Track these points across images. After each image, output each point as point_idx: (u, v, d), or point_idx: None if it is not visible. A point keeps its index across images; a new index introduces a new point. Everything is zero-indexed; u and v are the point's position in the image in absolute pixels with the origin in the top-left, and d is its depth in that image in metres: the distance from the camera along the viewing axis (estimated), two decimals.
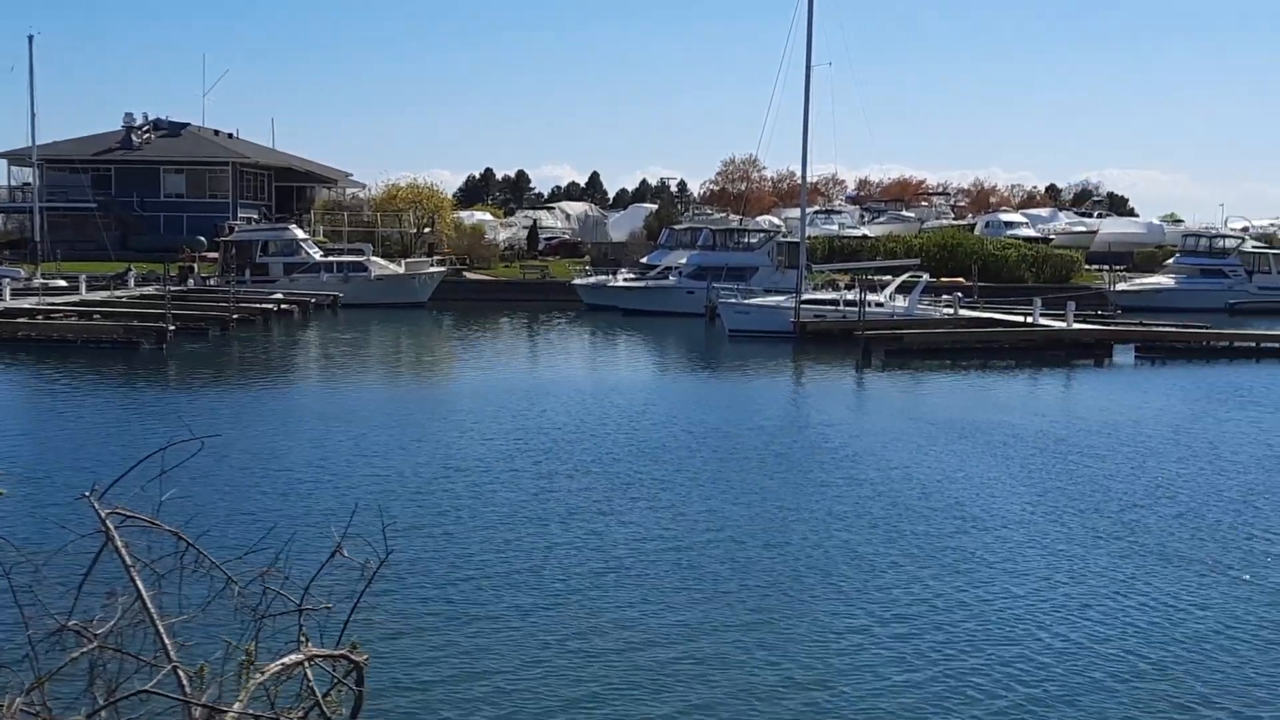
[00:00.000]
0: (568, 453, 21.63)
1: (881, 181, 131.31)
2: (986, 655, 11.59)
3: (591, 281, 61.98)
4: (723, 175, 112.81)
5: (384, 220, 73.88)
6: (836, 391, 33.66)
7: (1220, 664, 11.46)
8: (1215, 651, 11.78)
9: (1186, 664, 11.43)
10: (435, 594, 13.23)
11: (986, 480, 19.80)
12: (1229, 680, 11.06)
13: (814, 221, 78.28)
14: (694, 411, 27.76)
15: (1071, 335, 42.79)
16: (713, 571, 14.22)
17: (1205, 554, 15.30)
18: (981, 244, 73.46)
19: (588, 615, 12.56)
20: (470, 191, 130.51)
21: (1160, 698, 10.64)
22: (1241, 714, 10.36)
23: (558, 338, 50.27)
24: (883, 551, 15.25)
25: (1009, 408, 29.44)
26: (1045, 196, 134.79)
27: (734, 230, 64.24)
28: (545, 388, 32.06)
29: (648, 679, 10.88)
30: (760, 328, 46.23)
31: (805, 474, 20.27)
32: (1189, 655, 11.67)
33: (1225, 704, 10.53)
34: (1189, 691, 10.77)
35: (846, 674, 11.10)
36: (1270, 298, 66.67)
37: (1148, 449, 22.99)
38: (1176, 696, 10.66)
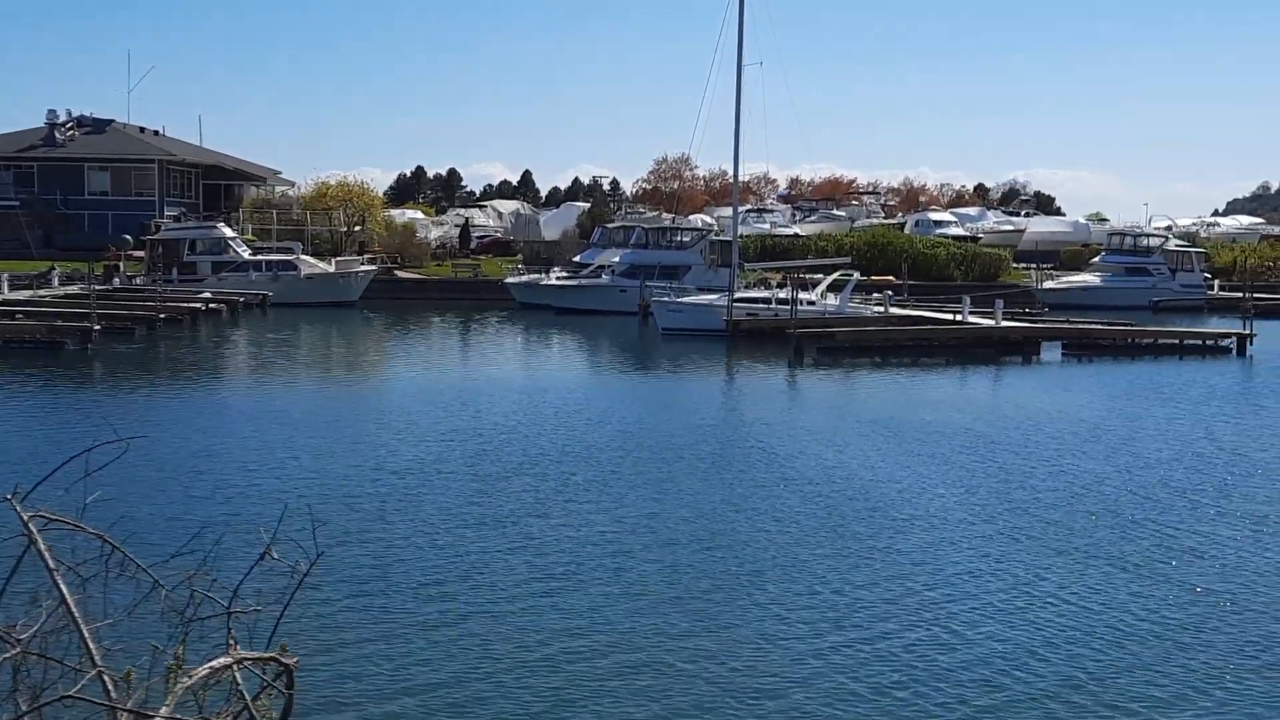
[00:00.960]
0: (501, 454, 21.55)
1: (813, 181, 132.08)
2: (919, 654, 11.70)
3: (524, 280, 61.84)
4: (655, 174, 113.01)
5: (314, 218, 73.19)
6: (769, 389, 33.83)
7: (1140, 660, 11.62)
8: (1136, 648, 11.96)
9: (1110, 660, 11.60)
10: (367, 596, 13.13)
11: (918, 478, 19.98)
12: (1150, 677, 11.23)
13: (746, 220, 78.56)
14: (628, 411, 27.79)
15: (1000, 333, 43.35)
16: (647, 574, 14.22)
17: (1126, 551, 15.54)
18: (911, 243, 74.13)
19: (521, 619, 12.52)
20: (401, 190, 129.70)
21: (1083, 693, 10.79)
22: (1161, 710, 10.52)
23: (490, 337, 50.10)
24: (817, 552, 15.34)
25: (939, 405, 29.74)
26: (974, 196, 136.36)
27: (667, 229, 64.34)
28: (478, 388, 31.94)
29: (581, 683, 10.86)
30: (693, 326, 46.36)
31: (739, 473, 20.34)
32: (1111, 652, 11.84)
33: (1146, 700, 10.69)
34: (1110, 688, 10.93)
35: (784, 675, 11.15)
36: (1192, 295, 67.96)
37: (1074, 446, 23.33)
38: (1100, 693, 10.81)
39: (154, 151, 74.86)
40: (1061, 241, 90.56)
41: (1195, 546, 15.73)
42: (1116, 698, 10.61)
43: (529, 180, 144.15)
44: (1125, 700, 10.55)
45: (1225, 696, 10.70)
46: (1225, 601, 13.34)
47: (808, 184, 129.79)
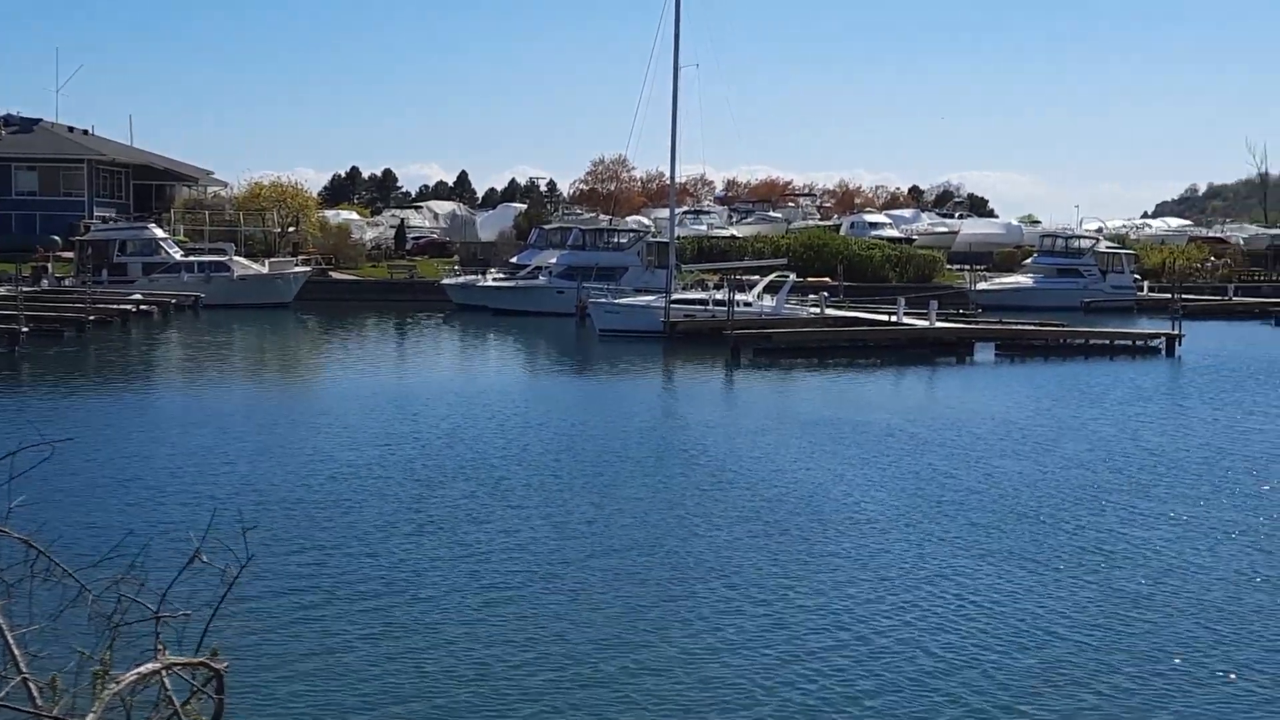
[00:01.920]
0: (438, 457, 21.42)
1: (749, 182, 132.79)
2: (859, 657, 11.77)
3: (460, 281, 61.61)
4: (592, 175, 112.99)
5: (247, 219, 72.41)
6: (707, 391, 33.91)
7: (1067, 661, 11.76)
8: (1064, 648, 12.09)
9: (1038, 660, 11.72)
10: (299, 600, 13.00)
11: (854, 479, 20.11)
12: (1076, 677, 11.36)
13: (683, 222, 78.79)
14: (567, 413, 27.73)
15: (934, 334, 43.77)
16: (585, 580, 14.18)
17: (1051, 551, 15.71)
18: (847, 244, 74.65)
19: (456, 625, 12.42)
20: (336, 190, 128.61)
21: (1013, 691, 10.90)
22: (1089, 710, 10.65)
23: (427, 338, 49.85)
24: (755, 555, 15.39)
25: (875, 406, 29.97)
26: (908, 198, 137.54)
27: (604, 230, 64.38)
28: (414, 390, 31.76)
29: (515, 691, 10.79)
30: (630, 327, 46.40)
31: (678, 476, 20.36)
32: (1039, 652, 11.97)
33: (1074, 700, 10.82)
34: (1037, 688, 11.05)
35: (721, 680, 11.16)
36: (1123, 296, 69.01)
37: (1005, 446, 23.58)
38: (1028, 692, 10.93)
39: (83, 151, 73.73)
40: (994, 243, 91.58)
41: (1120, 548, 15.92)
42: (1044, 697, 10.72)
43: (465, 181, 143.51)
44: (1053, 700, 10.65)
45: (1151, 695, 10.84)
46: (1150, 601, 13.51)
47: (744, 185, 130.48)
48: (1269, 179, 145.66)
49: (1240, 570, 14.67)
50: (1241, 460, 22.07)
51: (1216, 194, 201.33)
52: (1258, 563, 15.04)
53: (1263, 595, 13.69)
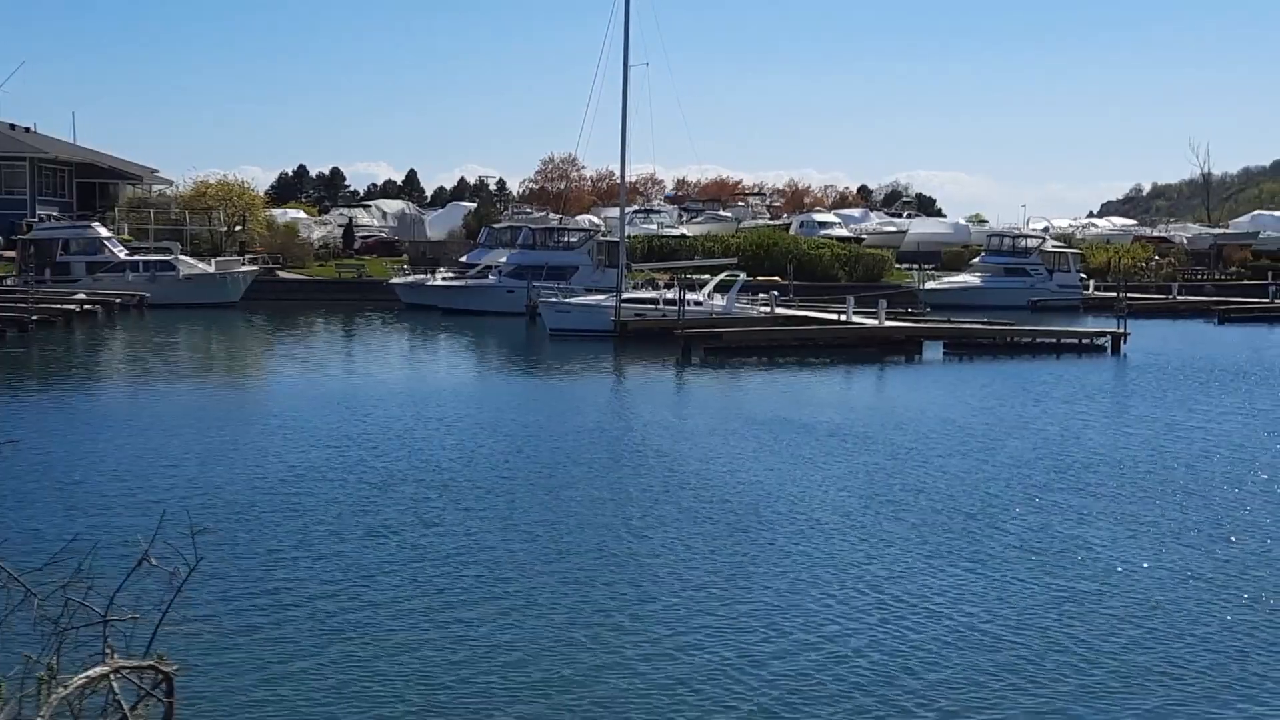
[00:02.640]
0: (388, 459, 21.28)
1: (699, 181, 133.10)
2: (807, 654, 11.81)
3: (409, 281, 61.37)
4: (542, 174, 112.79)
5: (193, 218, 71.78)
6: (658, 390, 33.92)
7: (1010, 660, 11.85)
8: (1009, 646, 12.19)
9: (981, 660, 11.81)
10: (248, 603, 12.88)
11: (804, 478, 20.19)
12: (1019, 678, 11.46)
13: (633, 221, 78.83)
14: (517, 413, 27.65)
15: (883, 332, 44.04)
16: (537, 581, 14.11)
17: (994, 549, 15.84)
18: (796, 243, 75.00)
19: (406, 629, 12.33)
20: (283, 189, 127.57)
21: (956, 694, 10.97)
22: (1028, 706, 10.74)
23: (376, 338, 49.56)
24: (705, 554, 15.41)
25: (824, 405, 30.11)
26: (857, 197, 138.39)
27: (554, 229, 64.29)
28: (364, 390, 31.56)
29: (465, 695, 10.73)
30: (581, 327, 46.37)
31: (629, 476, 20.36)
32: (985, 651, 12.06)
33: (1016, 700, 10.91)
34: (982, 687, 11.14)
35: (676, 678, 11.16)
36: (1069, 295, 69.79)
37: (953, 444, 23.75)
38: (972, 692, 11.01)
39: (24, 149, 72.67)
40: (942, 242, 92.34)
41: (1061, 547, 16.05)
42: (988, 696, 10.80)
43: (414, 180, 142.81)
44: (996, 700, 10.73)
45: (1090, 695, 10.94)
46: (1089, 601, 13.63)
47: (694, 185, 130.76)
48: (1211, 179, 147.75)
49: (1177, 569, 14.80)
50: (1182, 459, 22.32)
51: (1160, 194, 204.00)
52: (1191, 560, 15.15)
53: (1202, 592, 13.84)
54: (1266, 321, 62.59)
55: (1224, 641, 12.09)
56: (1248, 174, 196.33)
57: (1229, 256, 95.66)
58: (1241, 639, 12.18)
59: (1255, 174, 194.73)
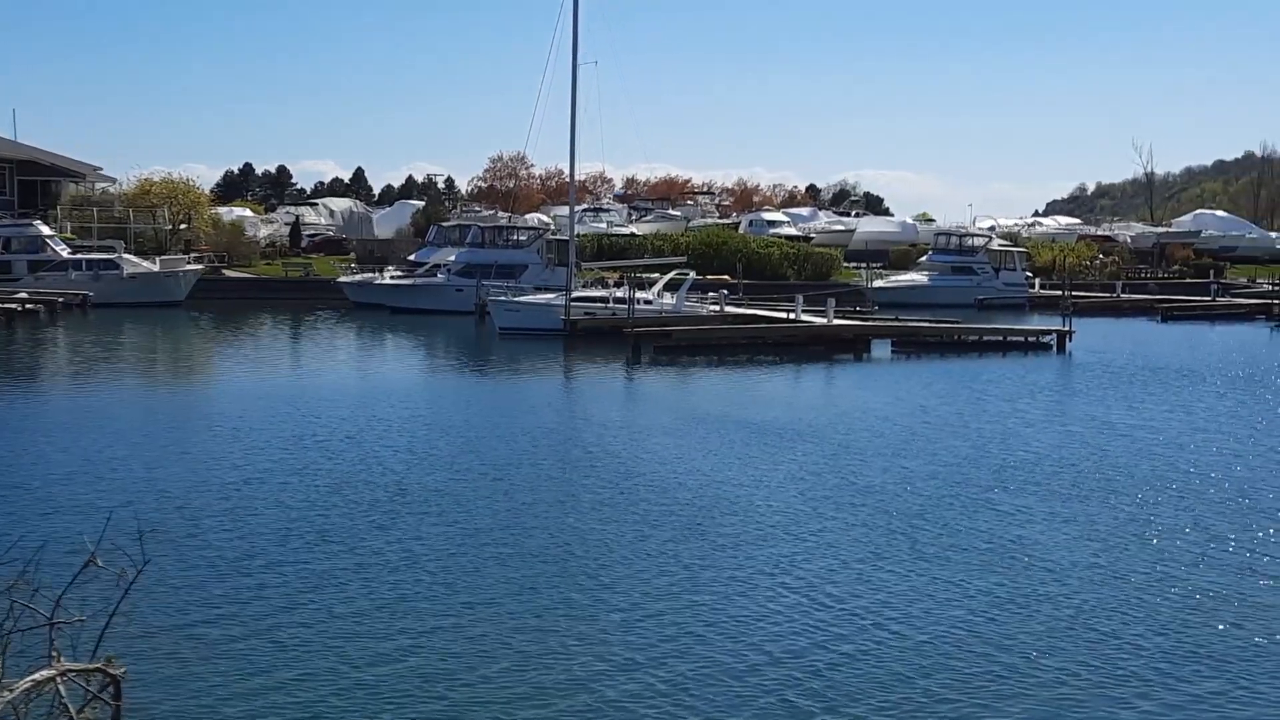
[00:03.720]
0: (337, 460, 21.10)
1: (649, 180, 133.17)
2: (760, 653, 11.84)
3: (357, 279, 61.10)
4: (491, 172, 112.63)
5: (137, 216, 71.02)
6: (608, 389, 33.92)
7: (951, 661, 11.94)
8: (950, 648, 12.28)
9: (924, 659, 11.89)
10: (197, 605, 12.74)
11: (753, 478, 20.23)
12: (960, 677, 11.55)
13: (583, 219, 78.80)
14: (467, 413, 27.57)
15: (832, 331, 44.27)
16: (486, 583, 14.03)
17: (939, 548, 15.96)
18: (745, 242, 75.30)
19: (355, 631, 12.23)
20: (229, 187, 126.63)
21: (916, 687, 11.05)
22: (972, 711, 10.82)
23: (323, 338, 49.22)
24: (655, 555, 15.42)
25: (774, 402, 30.22)
26: (806, 196, 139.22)
27: (503, 228, 64.18)
28: (311, 391, 31.33)
29: (415, 696, 10.66)
30: (531, 326, 46.30)
31: (579, 475, 20.32)
32: (940, 643, 12.15)
33: (956, 702, 10.99)
34: (924, 688, 11.22)
35: (628, 679, 11.16)
36: (1015, 293, 70.53)
37: (900, 443, 23.90)
38: (931, 684, 11.09)
39: None
40: (890, 241, 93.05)
41: (1003, 546, 16.19)
42: (921, 695, 10.88)
43: (361, 178, 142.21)
44: (935, 701, 10.81)
45: (1015, 694, 11.04)
46: (1027, 601, 13.75)
47: (644, 183, 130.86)
48: (1154, 178, 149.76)
49: (1109, 568, 14.86)
50: (1122, 459, 22.47)
51: (1105, 193, 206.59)
52: (1123, 560, 15.22)
53: (1132, 592, 13.97)
54: (1208, 320, 63.49)
55: (1154, 643, 12.10)
56: (1190, 174, 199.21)
57: (1172, 255, 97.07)
58: (1172, 639, 12.22)
59: (1197, 174, 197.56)
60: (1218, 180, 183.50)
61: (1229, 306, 67.23)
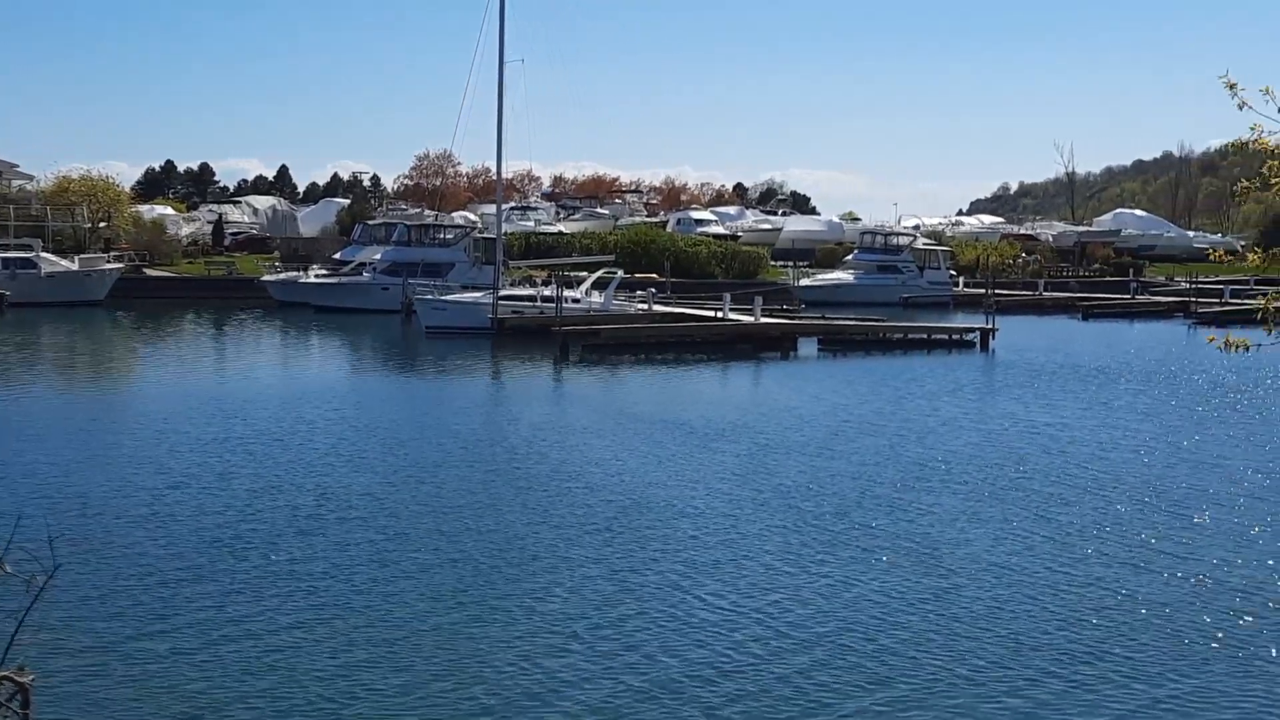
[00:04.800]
0: (260, 462, 20.79)
1: (576, 178, 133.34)
2: (681, 653, 11.84)
3: (282, 278, 60.55)
4: (417, 170, 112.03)
5: (55, 214, 69.83)
6: (536, 388, 33.83)
7: (877, 655, 12.03)
8: (886, 630, 12.37)
9: (864, 647, 11.97)
10: (111, 611, 12.49)
11: (681, 477, 20.25)
12: (899, 661, 11.64)
13: (510, 218, 78.64)
14: (393, 414, 27.34)
15: (759, 329, 44.49)
16: (416, 588, 13.89)
17: (865, 543, 16.06)
18: (673, 241, 75.52)
19: (276, 638, 12.01)
20: (150, 184, 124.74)
21: (844, 681, 11.10)
22: (902, 704, 10.91)
23: (247, 337, 48.64)
24: (583, 555, 15.39)
25: (702, 401, 30.29)
26: (733, 195, 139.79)
27: (429, 226, 63.88)
28: (235, 392, 30.93)
29: (337, 702, 10.54)
30: (458, 324, 46.08)
31: (507, 476, 20.23)
32: (865, 638, 12.22)
33: (897, 683, 11.07)
34: (867, 672, 11.29)
35: (557, 681, 11.12)
36: (939, 292, 71.35)
37: (825, 441, 24.03)
38: (858, 678, 11.15)
39: None
40: (817, 240, 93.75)
41: (916, 544, 16.35)
42: (838, 694, 10.94)
43: (286, 175, 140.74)
44: (845, 699, 10.87)
45: (943, 693, 11.14)
46: (944, 598, 13.88)
47: (571, 182, 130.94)
48: (1075, 178, 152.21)
49: (1023, 567, 14.95)
50: (1040, 456, 22.69)
51: (1027, 192, 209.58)
52: (1034, 557, 15.32)
53: (1045, 592, 14.15)
54: (1127, 318, 64.56)
55: (1062, 640, 12.16)
56: (1110, 173, 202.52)
57: (1092, 253, 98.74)
58: (1081, 635, 12.34)
59: (1117, 173, 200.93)
60: (1137, 180, 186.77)
61: (1148, 305, 68.42)
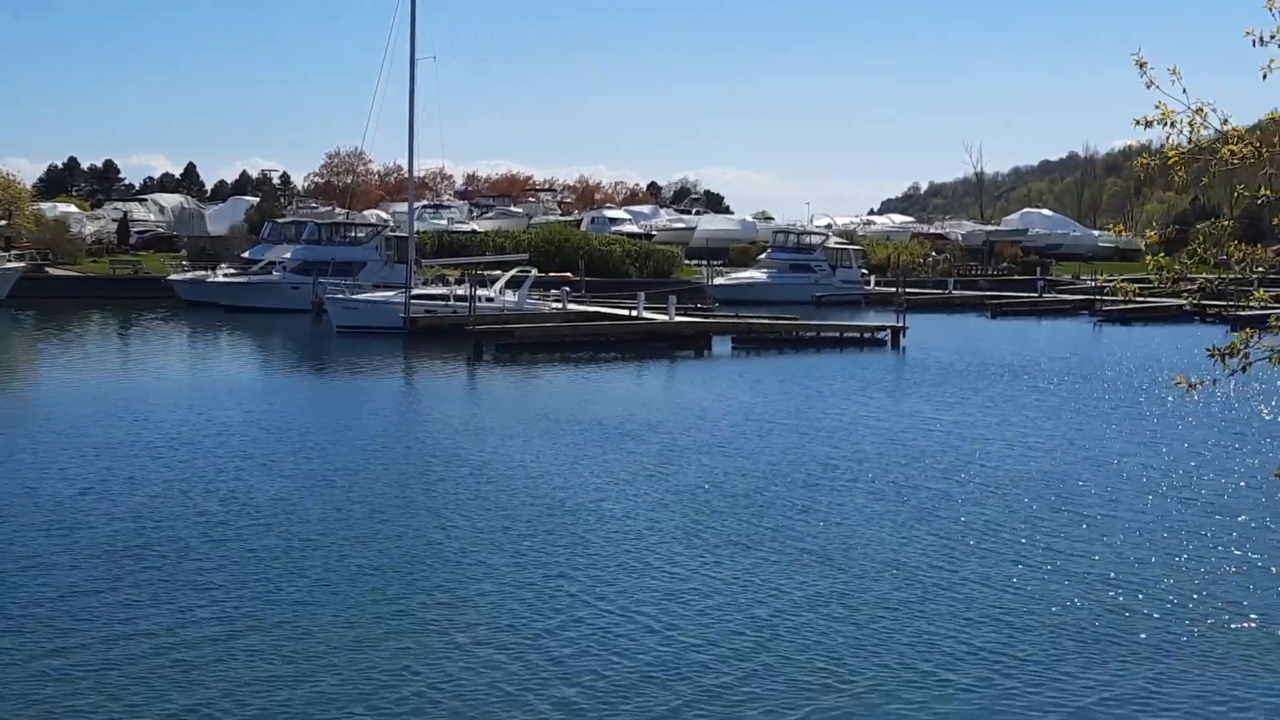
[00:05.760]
0: (169, 467, 20.32)
1: (490, 177, 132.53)
2: (596, 652, 11.79)
3: (189, 277, 59.60)
4: (328, 168, 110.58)
5: None
6: (450, 388, 33.56)
7: (802, 644, 12.07)
8: (788, 629, 12.41)
9: (776, 643, 11.99)
10: (7, 625, 12.15)
11: (594, 476, 20.19)
12: (813, 659, 11.68)
13: (423, 216, 78.07)
14: (305, 416, 26.93)
15: (673, 328, 44.56)
16: (328, 594, 13.69)
17: (772, 543, 16.10)
18: (588, 239, 75.42)
19: (187, 648, 11.75)
20: (53, 181, 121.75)
21: (749, 679, 11.11)
22: (808, 700, 10.95)
23: (154, 338, 47.73)
24: (494, 557, 15.27)
25: (617, 400, 30.25)
26: (647, 194, 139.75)
27: (340, 224, 63.27)
28: (142, 394, 30.27)
29: (251, 709, 10.34)
30: (370, 324, 45.63)
31: (420, 477, 20.05)
32: (775, 635, 12.25)
33: (813, 680, 11.11)
34: (770, 670, 11.31)
35: (470, 687, 11.01)
36: (851, 290, 71.94)
37: (736, 439, 24.09)
38: (761, 677, 11.16)
39: None
40: (730, 239, 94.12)
41: (823, 543, 16.46)
42: (741, 693, 10.97)
43: (193, 173, 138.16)
44: (747, 698, 10.89)
45: (835, 692, 11.20)
46: (844, 597, 13.97)
47: (485, 180, 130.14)
48: (984, 178, 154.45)
49: (922, 562, 15.12)
50: (945, 455, 22.84)
51: (937, 192, 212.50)
52: (932, 555, 15.46)
53: (944, 588, 14.28)
54: (1035, 316, 65.60)
55: (962, 636, 12.29)
56: (1018, 173, 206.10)
57: (1001, 252, 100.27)
58: (980, 632, 12.45)
59: (1024, 173, 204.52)
60: (1044, 180, 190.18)
61: (1055, 303, 69.56)
